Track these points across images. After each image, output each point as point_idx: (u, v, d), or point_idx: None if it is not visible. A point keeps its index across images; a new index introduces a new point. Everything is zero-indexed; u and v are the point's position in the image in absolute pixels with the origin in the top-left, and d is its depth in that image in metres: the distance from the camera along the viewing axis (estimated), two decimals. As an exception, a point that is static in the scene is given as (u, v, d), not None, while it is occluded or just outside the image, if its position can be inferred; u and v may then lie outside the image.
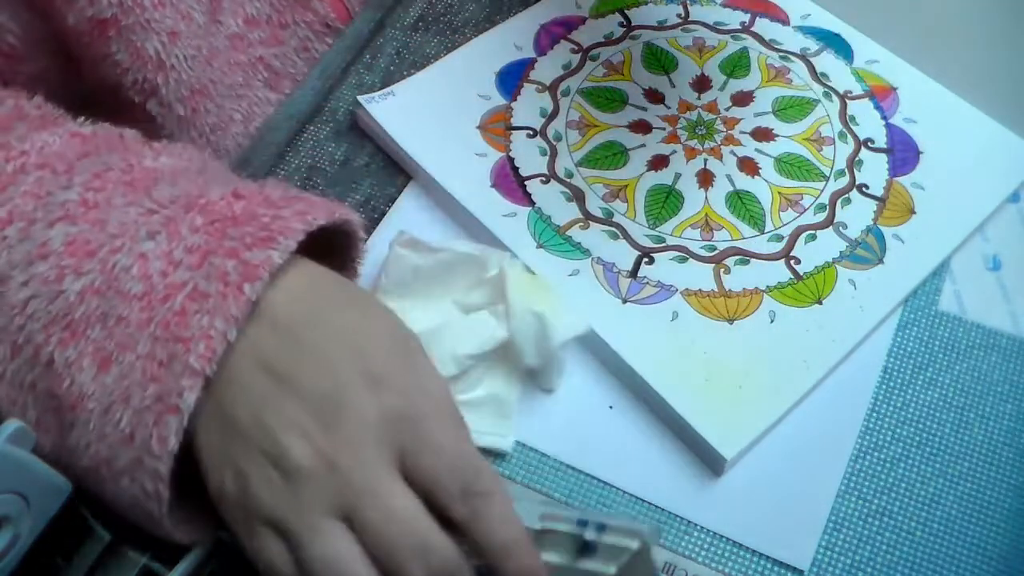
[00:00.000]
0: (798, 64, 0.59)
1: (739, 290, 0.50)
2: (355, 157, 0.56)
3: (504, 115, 0.56)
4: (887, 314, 0.49)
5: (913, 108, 0.57)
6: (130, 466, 0.37)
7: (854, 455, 0.46)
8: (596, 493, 0.45)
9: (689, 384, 0.46)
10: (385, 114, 0.55)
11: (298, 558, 0.36)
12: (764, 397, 0.46)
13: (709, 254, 0.51)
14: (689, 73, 0.58)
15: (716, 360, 0.47)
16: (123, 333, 0.37)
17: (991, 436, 0.46)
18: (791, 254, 0.51)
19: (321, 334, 0.38)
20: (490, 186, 0.53)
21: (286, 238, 0.39)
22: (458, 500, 0.36)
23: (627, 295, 0.49)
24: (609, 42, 0.60)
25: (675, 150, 0.55)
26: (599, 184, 0.53)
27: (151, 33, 0.49)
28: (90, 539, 0.42)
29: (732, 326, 0.49)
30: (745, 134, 0.55)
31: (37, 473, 0.38)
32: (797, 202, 0.53)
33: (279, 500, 0.36)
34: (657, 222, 0.52)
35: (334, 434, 0.36)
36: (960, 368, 0.48)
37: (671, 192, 0.53)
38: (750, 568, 0.43)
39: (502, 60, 0.59)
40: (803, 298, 0.49)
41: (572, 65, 0.59)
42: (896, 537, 0.44)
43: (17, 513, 0.37)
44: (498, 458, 0.46)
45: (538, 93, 0.57)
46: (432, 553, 0.36)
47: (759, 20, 0.61)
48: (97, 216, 0.39)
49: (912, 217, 0.52)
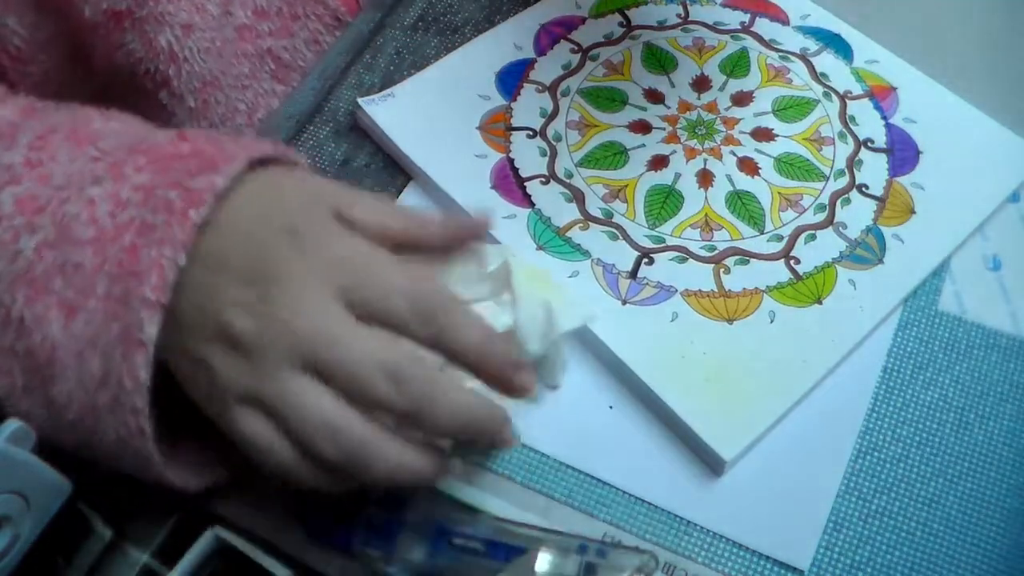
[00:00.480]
0: (798, 64, 0.59)
1: (739, 290, 0.50)
2: (355, 157, 0.56)
3: (504, 115, 0.56)
4: (887, 314, 0.49)
5: (913, 108, 0.57)
6: (110, 407, 0.37)
7: (854, 455, 0.46)
8: (596, 493, 0.45)
9: (688, 385, 0.46)
10: (385, 116, 0.55)
11: (281, 425, 0.37)
12: (764, 397, 0.46)
13: (709, 254, 0.51)
14: (689, 73, 0.58)
15: (716, 360, 0.47)
16: (82, 280, 0.38)
17: (991, 436, 0.46)
18: (791, 254, 0.51)
19: (257, 223, 0.39)
20: (490, 187, 0.53)
21: (229, 164, 0.39)
22: (418, 323, 0.37)
23: (627, 296, 0.49)
24: (609, 42, 0.60)
25: (675, 150, 0.55)
26: (599, 184, 0.53)
27: (165, 26, 0.49)
28: (90, 539, 0.42)
29: (732, 326, 0.49)
30: (745, 134, 0.55)
31: (37, 473, 0.38)
32: (797, 202, 0.53)
33: (241, 374, 0.37)
34: (657, 222, 0.52)
35: (269, 296, 0.37)
36: (960, 368, 0.48)
37: (671, 192, 0.53)
38: (750, 568, 0.43)
39: (502, 60, 0.59)
40: (803, 298, 0.49)
41: (572, 65, 0.59)
42: (896, 537, 0.44)
43: (17, 513, 0.37)
44: (497, 458, 0.46)
45: (538, 93, 0.57)
46: (400, 370, 0.36)
47: (759, 20, 0.61)
48: (42, 172, 0.39)
49: (912, 217, 0.52)
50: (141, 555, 0.42)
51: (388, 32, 0.60)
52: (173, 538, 0.44)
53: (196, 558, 0.41)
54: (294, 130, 0.56)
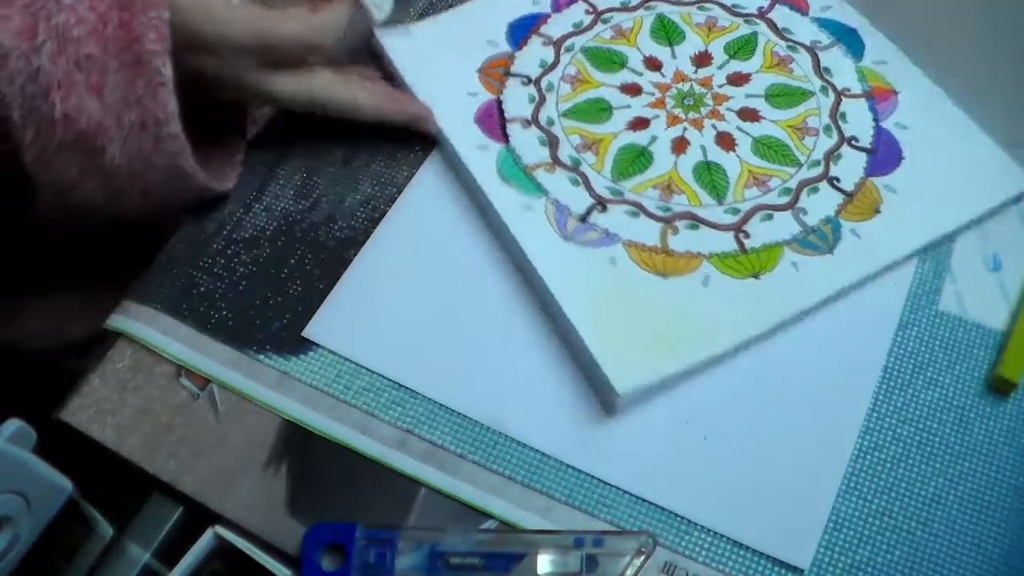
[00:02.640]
0: (803, 56, 0.59)
1: (682, 251, 0.51)
2: (355, 157, 0.56)
3: (506, 62, 0.59)
4: (817, 303, 0.49)
5: (909, 114, 0.56)
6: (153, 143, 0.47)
7: (854, 455, 0.46)
8: (597, 493, 0.45)
9: (603, 319, 0.48)
10: (396, 47, 0.58)
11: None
12: (673, 347, 0.47)
13: (662, 214, 0.52)
14: (693, 48, 0.59)
15: (638, 306, 0.49)
16: (96, 64, 0.45)
17: (991, 436, 0.46)
18: (743, 228, 0.52)
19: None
20: (472, 121, 0.56)
21: None
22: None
23: (571, 235, 0.51)
24: (624, 8, 0.61)
25: (658, 115, 0.56)
26: (576, 135, 0.55)
27: None
28: (90, 539, 0.42)
29: (665, 281, 0.50)
30: (731, 112, 0.56)
31: (37, 473, 0.38)
32: (764, 182, 0.53)
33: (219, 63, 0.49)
34: (621, 177, 0.53)
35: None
36: (960, 368, 0.48)
37: (642, 152, 0.54)
38: (750, 568, 0.43)
39: (518, 12, 0.61)
40: (742, 270, 0.50)
41: (583, 25, 0.60)
42: (896, 537, 0.44)
43: (17, 513, 0.38)
44: (497, 457, 0.46)
45: (543, 46, 0.59)
46: None
47: (778, 7, 0.61)
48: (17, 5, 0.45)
49: (875, 216, 0.52)
50: (141, 555, 0.42)
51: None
52: (173, 538, 0.44)
53: (196, 558, 0.41)
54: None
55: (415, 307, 0.50)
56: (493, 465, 0.46)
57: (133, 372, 0.49)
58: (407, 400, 0.47)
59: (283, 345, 0.49)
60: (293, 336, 0.49)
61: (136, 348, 0.49)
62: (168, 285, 0.51)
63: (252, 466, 0.46)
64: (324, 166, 0.55)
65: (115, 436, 0.47)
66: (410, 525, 0.44)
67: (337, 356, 0.49)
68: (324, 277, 0.51)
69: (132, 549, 0.43)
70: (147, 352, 0.49)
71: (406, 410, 0.47)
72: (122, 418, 0.47)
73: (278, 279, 0.51)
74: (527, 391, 0.48)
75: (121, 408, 0.48)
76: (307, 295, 0.51)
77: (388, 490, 0.45)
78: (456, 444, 0.46)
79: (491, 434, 0.46)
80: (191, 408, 0.48)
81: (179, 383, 0.48)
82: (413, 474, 0.46)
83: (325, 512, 0.44)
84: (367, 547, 0.42)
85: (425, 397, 0.47)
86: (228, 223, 0.53)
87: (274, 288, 0.51)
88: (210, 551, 0.42)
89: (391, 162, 0.55)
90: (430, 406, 0.47)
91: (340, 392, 0.48)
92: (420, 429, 0.47)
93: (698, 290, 0.49)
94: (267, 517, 0.44)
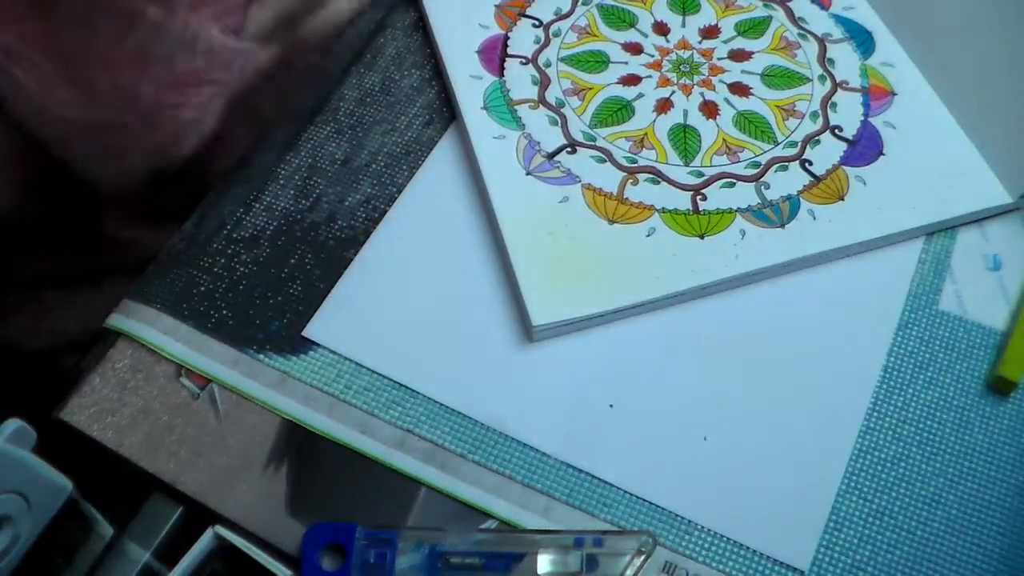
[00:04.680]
0: (812, 44, 0.60)
1: (636, 201, 0.52)
2: (355, 157, 0.56)
3: (523, 3, 0.61)
4: (753, 271, 0.50)
5: (900, 116, 0.56)
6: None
7: (854, 455, 0.46)
8: (597, 493, 0.45)
9: (539, 254, 0.49)
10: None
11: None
12: (602, 290, 0.48)
13: (627, 164, 0.53)
14: (705, 20, 0.61)
15: (577, 246, 0.50)
16: None
17: (991, 436, 0.46)
18: (702, 191, 0.52)
19: None
20: (475, 51, 0.58)
21: None
22: None
23: (533, 170, 0.53)
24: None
25: (651, 75, 0.58)
26: (568, 79, 0.57)
27: None
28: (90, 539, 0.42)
29: (611, 227, 0.51)
30: (723, 84, 0.57)
31: (37, 473, 0.38)
32: (736, 153, 0.54)
33: None
34: (599, 125, 0.55)
35: None
36: (960, 368, 0.48)
37: (625, 106, 0.56)
38: (750, 568, 0.43)
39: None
40: (689, 229, 0.51)
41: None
42: (896, 537, 0.44)
43: (17, 513, 0.38)
44: (497, 457, 0.46)
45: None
46: None
47: None
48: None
49: (838, 203, 0.52)
50: (141, 554, 0.42)
51: (388, 32, 0.60)
52: (173, 538, 0.44)
53: (196, 558, 0.41)
54: (294, 130, 0.56)
55: (415, 307, 0.50)
56: (493, 465, 0.46)
57: (133, 372, 0.49)
58: (407, 400, 0.47)
59: (283, 345, 0.49)
60: (293, 336, 0.49)
61: (136, 348, 0.49)
62: (168, 285, 0.51)
63: (252, 466, 0.46)
64: (324, 166, 0.55)
65: (115, 436, 0.47)
66: (410, 525, 0.44)
67: (337, 356, 0.49)
68: (324, 277, 0.51)
69: (132, 549, 0.43)
70: (147, 352, 0.49)
71: (406, 410, 0.47)
72: (122, 418, 0.47)
73: (278, 279, 0.51)
74: (527, 391, 0.48)
75: (121, 408, 0.48)
76: (307, 295, 0.51)
77: (388, 490, 0.45)
78: (456, 444, 0.46)
79: (491, 434, 0.46)
80: (191, 408, 0.48)
81: (179, 383, 0.48)
82: (413, 474, 0.46)
83: (325, 512, 0.44)
84: (367, 547, 0.42)
85: (425, 397, 0.47)
86: (228, 223, 0.53)
87: (274, 288, 0.51)
88: (210, 551, 0.42)
89: (391, 162, 0.56)
90: (430, 406, 0.47)
91: (340, 392, 0.48)
92: (420, 429, 0.47)
93: (639, 240, 0.50)
94: (267, 517, 0.44)
